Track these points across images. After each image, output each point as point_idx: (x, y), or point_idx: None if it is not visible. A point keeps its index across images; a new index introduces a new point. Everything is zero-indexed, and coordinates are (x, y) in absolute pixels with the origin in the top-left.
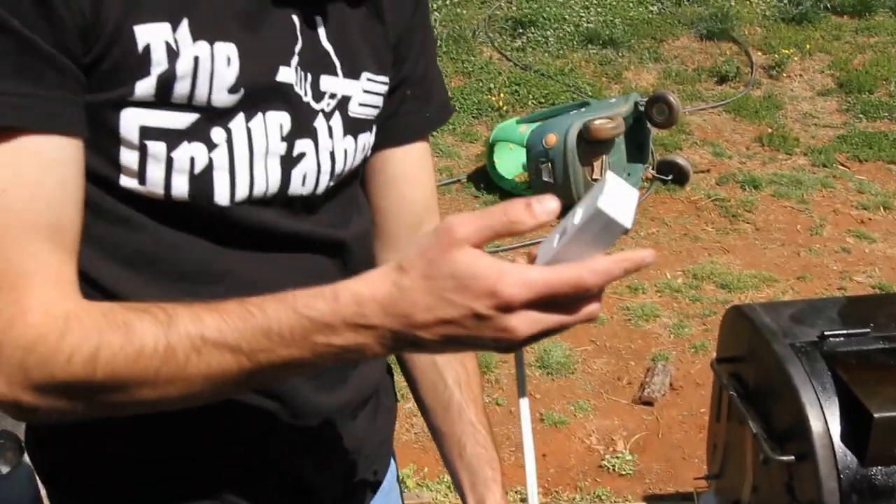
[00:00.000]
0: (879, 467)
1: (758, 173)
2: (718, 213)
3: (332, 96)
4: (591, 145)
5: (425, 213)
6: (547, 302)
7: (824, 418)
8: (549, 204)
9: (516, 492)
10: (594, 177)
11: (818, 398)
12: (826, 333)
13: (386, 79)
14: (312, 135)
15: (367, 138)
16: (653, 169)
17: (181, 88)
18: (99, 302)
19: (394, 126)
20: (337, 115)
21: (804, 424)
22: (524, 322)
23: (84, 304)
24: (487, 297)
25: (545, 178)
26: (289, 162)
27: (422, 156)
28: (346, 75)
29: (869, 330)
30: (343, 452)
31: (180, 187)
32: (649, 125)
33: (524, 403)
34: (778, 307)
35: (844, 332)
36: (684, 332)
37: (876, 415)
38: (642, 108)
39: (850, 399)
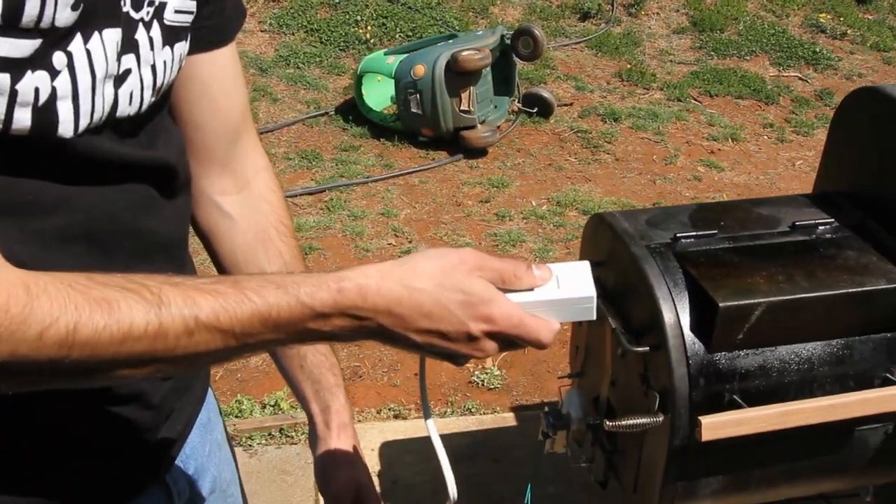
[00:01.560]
0: (723, 353)
1: (617, 107)
2: (581, 145)
3: (150, 4)
4: (459, 77)
5: (241, 123)
6: (515, 338)
7: (676, 311)
8: (544, 273)
9: (389, 409)
10: (462, 108)
11: (671, 293)
12: (678, 235)
13: None
14: (135, 48)
15: (183, 47)
16: (519, 101)
17: (31, 9)
18: (58, 272)
19: (200, 30)
20: (155, 24)
21: (658, 317)
22: (493, 347)
23: (40, 273)
24: (485, 320)
25: (413, 110)
26: (118, 81)
27: (232, 60)
28: None
29: (716, 231)
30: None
31: (22, 121)
32: (515, 58)
33: (431, 423)
34: (636, 214)
35: (694, 233)
36: (549, 256)
37: (721, 304)
38: (508, 41)
39: (699, 292)
